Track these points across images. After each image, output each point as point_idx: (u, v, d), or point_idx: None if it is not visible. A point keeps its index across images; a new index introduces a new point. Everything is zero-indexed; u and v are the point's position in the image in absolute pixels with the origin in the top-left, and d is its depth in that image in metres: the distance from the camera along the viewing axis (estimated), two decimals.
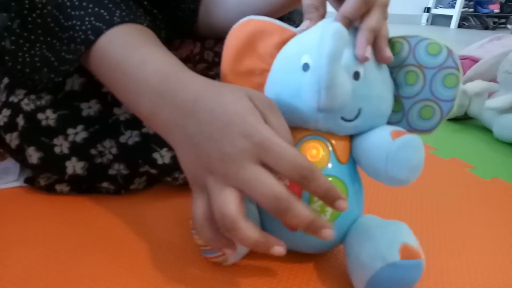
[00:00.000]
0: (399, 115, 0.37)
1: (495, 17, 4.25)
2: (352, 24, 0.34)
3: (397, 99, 0.36)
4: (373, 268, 0.32)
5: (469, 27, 4.14)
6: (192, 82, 0.33)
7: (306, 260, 0.39)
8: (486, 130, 0.83)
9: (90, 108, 0.44)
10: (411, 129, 0.37)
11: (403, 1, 4.11)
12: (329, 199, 0.30)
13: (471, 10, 4.18)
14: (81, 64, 0.38)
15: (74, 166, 0.44)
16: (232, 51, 0.37)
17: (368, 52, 0.33)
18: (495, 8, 4.25)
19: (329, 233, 0.30)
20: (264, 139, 0.29)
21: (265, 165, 0.29)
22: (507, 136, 0.77)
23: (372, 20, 0.33)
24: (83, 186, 0.46)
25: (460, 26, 4.11)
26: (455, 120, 0.90)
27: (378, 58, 0.34)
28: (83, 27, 0.36)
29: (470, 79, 0.88)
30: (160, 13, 0.46)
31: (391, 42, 0.36)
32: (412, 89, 0.36)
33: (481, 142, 0.78)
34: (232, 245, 0.31)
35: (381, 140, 0.33)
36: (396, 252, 0.32)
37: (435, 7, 4.22)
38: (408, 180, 0.33)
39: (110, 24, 0.36)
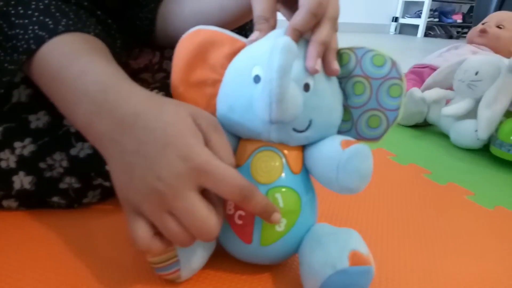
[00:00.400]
0: (349, 124, 0.38)
1: (458, 26, 4.45)
2: (302, 36, 0.34)
3: (346, 109, 0.37)
4: (323, 275, 0.33)
5: (434, 36, 4.31)
6: (133, 96, 0.32)
7: (262, 271, 0.39)
8: (444, 136, 0.87)
9: (38, 120, 0.42)
10: (360, 138, 0.38)
11: (372, 11, 4.24)
12: (266, 214, 0.32)
13: (436, 20, 4.37)
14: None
15: (22, 180, 0.42)
16: (182, 62, 0.37)
17: (318, 65, 0.34)
18: (458, 19, 4.45)
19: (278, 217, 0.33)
20: (203, 162, 0.29)
21: (203, 190, 0.30)
22: (462, 141, 0.80)
23: (322, 33, 0.34)
24: (33, 201, 0.44)
25: (426, 35, 4.27)
26: (416, 126, 0.93)
27: (327, 70, 0.35)
28: (26, 36, 0.35)
29: (429, 87, 0.91)
30: (116, 22, 0.45)
31: (339, 54, 0.37)
32: (360, 99, 0.37)
33: (439, 148, 0.81)
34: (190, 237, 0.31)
35: (331, 150, 0.34)
36: (345, 258, 0.32)
37: (403, 17, 4.38)
38: (358, 188, 0.34)
39: (54, 33, 0.35)
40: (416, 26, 4.26)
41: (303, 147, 0.37)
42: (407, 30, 4.43)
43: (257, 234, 0.35)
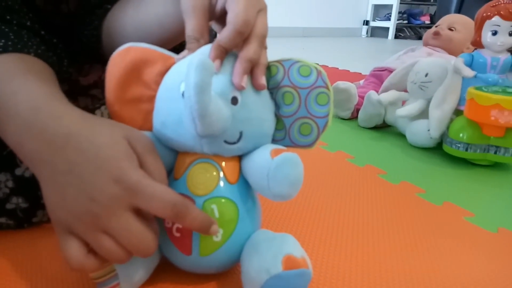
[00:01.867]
0: (282, 133, 0.39)
1: (427, 27, 4.57)
2: (228, 52, 0.35)
3: (279, 118, 0.38)
4: (259, 281, 0.33)
5: (404, 37, 4.42)
6: (66, 116, 0.32)
7: (208, 280, 0.39)
8: (402, 136, 0.89)
9: None
10: (294, 145, 0.39)
11: (343, 15, 4.32)
12: (204, 229, 0.33)
13: (405, 22, 4.48)
14: None
15: None
16: (115, 80, 0.37)
17: (244, 81, 0.34)
18: (426, 20, 4.58)
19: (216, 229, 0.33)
20: (134, 183, 0.30)
21: (137, 210, 0.30)
22: (417, 141, 0.82)
23: (249, 51, 0.35)
24: None
25: (396, 37, 4.38)
26: (375, 128, 0.95)
27: (254, 85, 0.36)
28: None
29: (386, 89, 0.93)
30: (63, 41, 0.45)
31: (268, 66, 0.38)
32: (290, 109, 0.38)
33: (396, 148, 0.84)
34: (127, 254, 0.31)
35: (262, 160, 0.35)
36: (279, 263, 0.33)
37: (373, 20, 4.47)
38: (290, 195, 0.35)
39: None
40: (387, 29, 4.36)
41: (240, 157, 0.38)
42: (378, 32, 4.53)
43: (195, 245, 0.35)
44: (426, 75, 0.82)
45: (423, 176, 0.70)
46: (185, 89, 0.32)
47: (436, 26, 1.17)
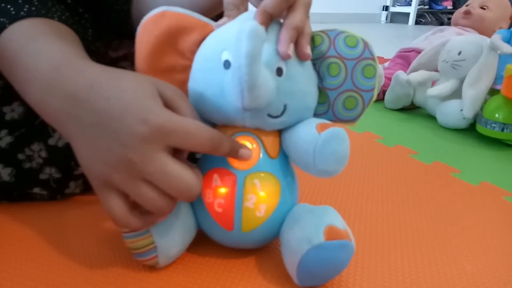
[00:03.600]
0: (325, 106, 0.36)
1: (449, 13, 4.39)
2: (273, 19, 0.33)
3: (322, 91, 0.36)
4: (301, 251, 0.32)
5: (425, 23, 4.26)
6: (87, 69, 0.30)
7: (247, 255, 0.38)
8: (431, 117, 0.85)
9: (13, 111, 0.41)
10: (337, 120, 0.36)
11: (363, 1, 4.19)
12: (234, 153, 0.32)
13: (427, 7, 4.31)
14: None
15: (1, 172, 0.41)
16: (148, 48, 0.35)
17: (290, 50, 0.32)
18: (448, 5, 4.39)
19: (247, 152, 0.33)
20: (164, 122, 0.27)
21: (171, 150, 0.28)
22: (449, 121, 0.79)
23: (295, 18, 0.32)
24: (14, 193, 0.43)
25: (417, 23, 4.22)
26: (402, 110, 0.91)
27: (299, 55, 0.33)
28: None
29: (414, 70, 0.89)
30: (89, 12, 0.44)
31: (311, 36, 0.36)
32: (335, 81, 0.35)
33: (425, 130, 0.80)
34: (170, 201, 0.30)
35: (307, 135, 0.33)
36: (321, 233, 0.31)
37: (393, 5, 4.32)
38: (336, 171, 0.33)
39: (13, 19, 0.34)
40: (407, 14, 4.20)
41: (280, 131, 0.36)
42: (398, 18, 4.38)
43: (238, 220, 0.34)
44: (459, 53, 0.77)
45: (456, 156, 0.66)
46: (233, 58, 0.30)
47: (466, 5, 1.11)
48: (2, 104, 0.41)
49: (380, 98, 0.96)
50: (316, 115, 0.36)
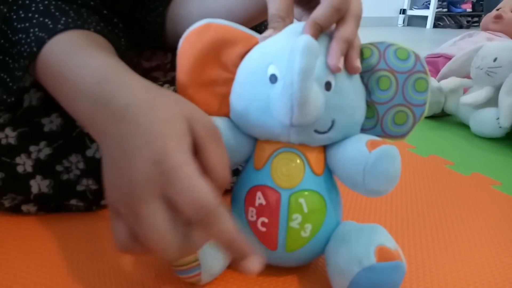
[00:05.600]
0: (373, 121, 0.34)
1: (468, 16, 4.28)
2: (322, 31, 0.31)
3: (370, 105, 0.34)
4: (351, 273, 0.30)
5: (444, 26, 4.15)
6: (129, 87, 0.28)
7: (288, 273, 0.36)
8: (464, 126, 0.81)
9: (51, 123, 0.41)
10: (385, 135, 0.34)
11: (379, 4, 4.12)
12: (235, 252, 0.25)
13: (445, 10, 4.21)
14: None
15: (39, 184, 0.41)
16: (191, 61, 0.33)
17: (341, 63, 0.30)
18: (468, 7, 4.27)
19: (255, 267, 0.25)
20: (172, 168, 0.24)
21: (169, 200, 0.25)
22: (483, 131, 0.75)
23: (346, 30, 0.31)
24: (51, 205, 0.43)
25: (435, 26, 4.12)
26: (433, 117, 0.88)
27: (348, 68, 0.31)
28: (28, 40, 0.33)
29: (445, 76, 0.86)
30: (123, 22, 0.43)
31: (360, 48, 0.34)
32: (385, 95, 0.33)
33: (459, 138, 0.76)
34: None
35: (357, 152, 0.31)
36: (372, 254, 0.30)
37: (410, 9, 4.24)
38: (386, 191, 0.31)
39: (53, 33, 0.33)
40: (425, 17, 4.11)
41: (325, 146, 0.34)
42: (415, 21, 4.29)
43: (282, 240, 0.32)
44: (495, 60, 0.74)
45: (495, 167, 0.63)
46: (285, 73, 0.28)
47: (497, 9, 1.07)
48: (41, 116, 0.41)
49: None
50: (363, 130, 0.34)
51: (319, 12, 0.30)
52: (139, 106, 0.27)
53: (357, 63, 0.31)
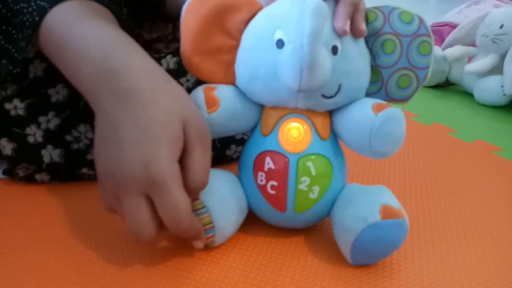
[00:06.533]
0: (377, 85, 0.34)
1: None
2: None
3: (375, 69, 0.34)
4: (355, 230, 0.31)
5: None
6: (134, 68, 0.29)
7: (296, 234, 0.37)
8: (468, 95, 0.81)
9: (58, 94, 0.41)
10: (389, 99, 0.35)
11: None
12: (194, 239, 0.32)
13: None
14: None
15: (51, 154, 0.41)
16: (195, 29, 0.33)
17: (348, 26, 0.31)
18: None
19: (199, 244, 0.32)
20: (161, 180, 0.27)
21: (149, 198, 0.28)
22: (487, 99, 0.75)
23: None
24: (63, 173, 0.44)
25: None
26: (437, 87, 0.87)
27: (354, 31, 0.32)
28: (30, 9, 0.33)
29: (450, 45, 0.85)
30: None
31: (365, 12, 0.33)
32: (390, 58, 0.34)
33: (462, 107, 0.77)
34: None
35: (363, 116, 0.32)
36: (376, 212, 0.31)
37: None
38: (391, 153, 0.32)
39: (54, 2, 0.33)
40: None
41: (331, 112, 0.34)
42: None
43: (291, 202, 0.33)
44: (501, 26, 0.73)
45: (497, 134, 0.63)
46: (295, 37, 0.28)
47: None
48: (47, 86, 0.41)
49: None
50: (368, 94, 0.35)
51: None
52: (141, 95, 0.28)
53: (363, 26, 0.32)
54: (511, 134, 0.64)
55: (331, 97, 0.32)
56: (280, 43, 0.31)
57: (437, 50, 0.81)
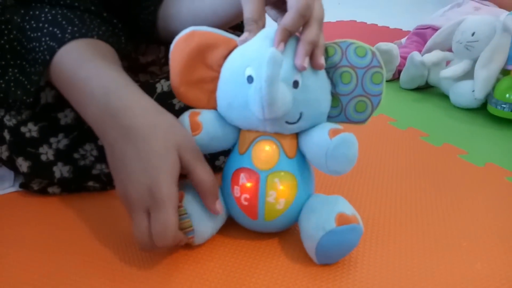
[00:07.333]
0: (338, 110, 0.40)
1: None
2: (291, 35, 0.36)
3: (335, 96, 0.39)
4: (317, 237, 0.37)
5: None
6: (132, 107, 0.36)
7: (269, 237, 0.43)
8: (445, 97, 0.86)
9: (66, 117, 0.46)
10: (349, 121, 0.40)
11: None
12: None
13: None
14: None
15: (61, 170, 0.47)
16: (180, 64, 0.39)
17: (306, 63, 0.36)
18: None
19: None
20: (161, 200, 0.34)
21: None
22: (461, 102, 0.80)
23: (311, 33, 0.36)
24: (72, 186, 0.49)
25: None
26: (417, 89, 0.92)
27: (314, 65, 0.37)
28: (41, 48, 0.39)
29: (430, 49, 0.89)
30: (121, 21, 0.48)
31: (325, 47, 0.39)
32: (347, 87, 0.39)
33: (439, 109, 0.82)
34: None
35: (320, 139, 0.37)
36: (333, 220, 0.36)
37: None
38: (345, 172, 0.38)
39: (62, 43, 0.39)
40: None
41: (298, 133, 0.40)
42: None
43: (261, 212, 0.39)
44: (473, 34, 0.77)
45: (465, 137, 0.69)
46: (255, 80, 0.34)
47: None
48: (57, 111, 0.46)
49: (396, 78, 0.97)
50: (330, 117, 0.40)
51: (287, 19, 0.35)
52: (140, 130, 0.35)
53: (321, 60, 0.37)
54: (477, 137, 0.69)
55: (294, 123, 0.38)
56: (250, 79, 0.36)
57: (415, 55, 0.86)
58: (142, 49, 0.57)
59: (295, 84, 0.36)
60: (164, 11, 0.52)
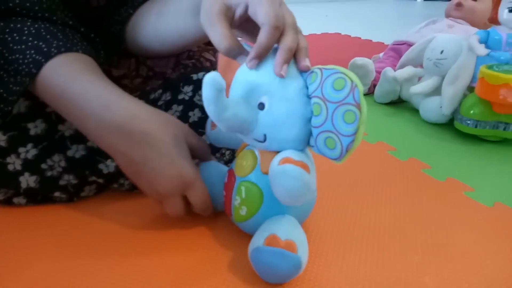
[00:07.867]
0: (312, 141, 0.38)
1: None
2: (270, 50, 0.37)
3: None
4: (249, 252, 0.39)
5: None
6: (138, 114, 0.40)
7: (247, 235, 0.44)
8: (416, 111, 0.89)
9: (36, 127, 0.47)
10: (322, 155, 0.38)
11: None
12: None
13: None
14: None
15: (27, 180, 0.47)
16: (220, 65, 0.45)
17: (284, 70, 0.36)
18: None
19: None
20: (192, 181, 0.42)
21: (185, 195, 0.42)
22: (430, 117, 0.83)
23: (288, 40, 0.36)
24: (38, 197, 0.49)
25: None
26: (391, 103, 0.96)
27: (299, 68, 0.37)
28: (26, 61, 0.40)
29: (403, 65, 0.93)
30: (97, 36, 0.50)
31: (311, 71, 0.38)
32: (317, 120, 0.37)
33: (409, 124, 0.85)
34: None
35: (272, 164, 0.38)
36: (262, 239, 0.37)
37: None
38: (286, 203, 0.37)
39: (48, 57, 0.40)
40: None
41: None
42: None
43: (232, 211, 0.44)
44: (442, 52, 0.81)
45: (431, 152, 0.72)
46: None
47: None
48: (27, 121, 0.47)
49: (371, 92, 1.00)
50: (310, 146, 0.39)
51: (262, 36, 0.36)
52: (152, 133, 0.40)
53: (305, 62, 0.37)
54: (443, 153, 0.72)
55: (261, 142, 0.40)
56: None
57: (389, 71, 0.89)
58: (115, 61, 0.58)
59: (261, 105, 0.39)
60: (131, 30, 0.53)
